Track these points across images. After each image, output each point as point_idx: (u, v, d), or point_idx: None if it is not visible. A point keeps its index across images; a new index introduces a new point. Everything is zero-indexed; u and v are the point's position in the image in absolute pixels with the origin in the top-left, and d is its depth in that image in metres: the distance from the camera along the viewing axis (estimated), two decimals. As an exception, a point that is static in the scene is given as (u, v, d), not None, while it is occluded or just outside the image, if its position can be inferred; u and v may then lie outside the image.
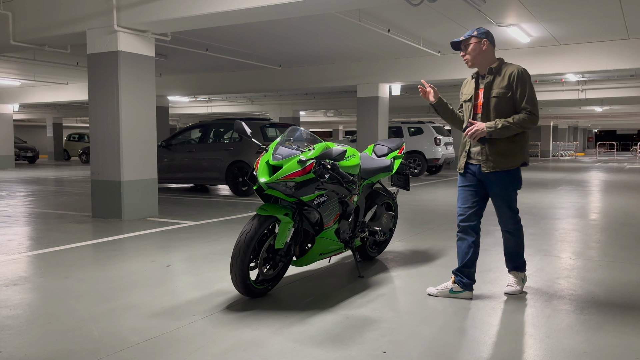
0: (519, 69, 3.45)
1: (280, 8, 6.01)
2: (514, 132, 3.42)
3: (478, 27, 3.62)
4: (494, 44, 3.60)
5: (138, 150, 7.25)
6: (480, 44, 3.52)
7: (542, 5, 8.10)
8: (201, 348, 2.74)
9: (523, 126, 3.40)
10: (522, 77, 3.43)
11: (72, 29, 7.27)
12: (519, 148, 3.50)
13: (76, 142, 29.77)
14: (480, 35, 3.52)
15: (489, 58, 3.55)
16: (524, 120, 3.38)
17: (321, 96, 21.67)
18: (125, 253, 5.02)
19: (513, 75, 3.44)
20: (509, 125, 3.38)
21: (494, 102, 3.48)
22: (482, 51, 3.53)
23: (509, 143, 3.47)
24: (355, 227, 4.25)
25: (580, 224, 6.74)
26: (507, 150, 3.47)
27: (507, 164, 3.47)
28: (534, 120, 3.41)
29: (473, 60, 3.57)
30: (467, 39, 3.56)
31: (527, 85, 3.42)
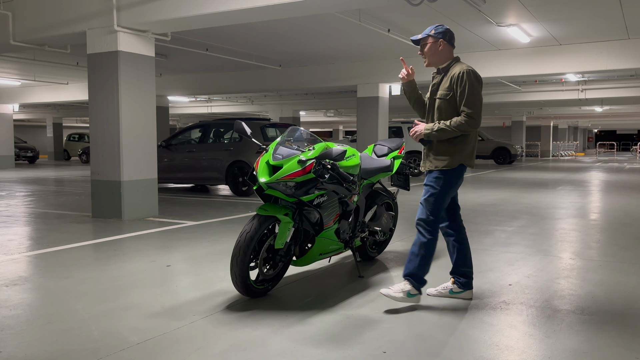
0: (463, 69, 3.34)
1: (280, 8, 6.01)
2: (451, 135, 3.33)
3: (438, 24, 3.50)
4: (453, 43, 3.51)
5: (138, 150, 7.24)
6: (436, 44, 3.45)
7: (542, 5, 8.11)
8: (201, 348, 2.74)
9: (460, 129, 3.29)
10: (462, 78, 3.31)
11: (72, 29, 7.27)
12: (457, 150, 3.38)
13: (76, 142, 29.76)
14: (437, 36, 3.44)
15: (443, 58, 3.47)
16: (460, 124, 3.28)
17: (321, 96, 21.67)
18: (125, 253, 5.02)
19: (455, 76, 3.34)
20: (445, 128, 3.31)
21: (437, 103, 3.43)
22: (438, 51, 3.46)
23: (447, 144, 3.38)
24: (355, 227, 4.25)
25: (580, 224, 6.74)
26: (443, 151, 3.39)
27: (441, 164, 3.38)
28: (471, 124, 3.28)
29: (429, 60, 3.52)
30: (424, 39, 3.49)
31: (467, 87, 3.29)
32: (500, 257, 4.84)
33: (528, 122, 33.84)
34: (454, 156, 3.38)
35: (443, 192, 3.40)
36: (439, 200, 3.40)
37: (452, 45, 3.50)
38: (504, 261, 4.67)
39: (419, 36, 3.51)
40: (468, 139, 3.41)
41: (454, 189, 3.46)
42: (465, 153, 3.41)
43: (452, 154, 3.38)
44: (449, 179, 3.40)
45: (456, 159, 3.38)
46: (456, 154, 3.39)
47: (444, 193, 3.41)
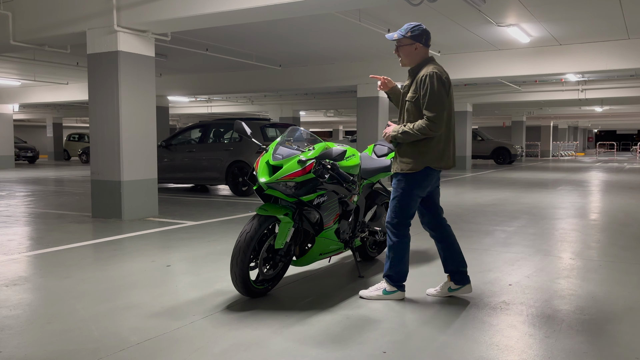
0: (428, 72, 3.32)
1: (280, 8, 6.01)
2: (415, 138, 3.32)
3: (415, 24, 3.45)
4: (429, 44, 3.49)
5: (138, 150, 7.24)
6: (412, 47, 3.44)
7: (542, 5, 8.11)
8: (201, 348, 2.74)
9: (422, 133, 3.28)
10: (425, 81, 3.29)
11: (72, 29, 7.27)
12: (421, 153, 3.36)
13: (76, 142, 29.76)
14: (413, 38, 3.41)
15: (417, 59, 3.46)
16: (421, 128, 3.27)
17: (321, 96, 21.67)
18: (125, 253, 5.02)
19: (419, 79, 3.34)
20: (409, 131, 3.31)
21: (406, 105, 3.44)
22: (413, 52, 3.45)
23: (412, 147, 3.38)
24: (355, 227, 4.25)
25: (580, 224, 6.74)
26: (408, 154, 3.39)
27: (405, 167, 3.39)
28: (432, 128, 3.26)
29: (404, 61, 3.51)
30: (400, 40, 3.46)
31: (428, 90, 3.27)
32: (500, 257, 4.84)
33: (528, 122, 33.84)
34: (418, 159, 3.36)
35: (405, 195, 3.42)
36: (402, 203, 3.42)
37: (428, 46, 3.49)
38: (504, 261, 4.67)
39: (394, 36, 3.47)
40: (433, 142, 3.37)
41: (418, 192, 3.44)
42: (431, 156, 3.38)
43: (416, 157, 3.37)
44: (410, 182, 3.40)
45: (420, 162, 3.36)
46: (420, 157, 3.36)
47: (406, 196, 3.42)
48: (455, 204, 8.86)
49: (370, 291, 3.56)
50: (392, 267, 3.50)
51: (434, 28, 9.61)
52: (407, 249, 3.52)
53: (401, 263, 3.49)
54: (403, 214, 3.45)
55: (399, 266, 3.49)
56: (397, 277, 3.51)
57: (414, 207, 3.48)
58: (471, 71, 12.07)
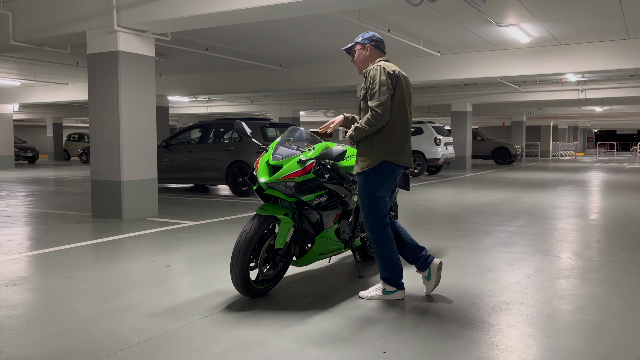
0: (372, 67, 3.38)
1: (280, 8, 6.01)
2: (367, 133, 3.34)
3: (365, 32, 3.58)
4: (382, 47, 3.55)
5: (138, 150, 7.25)
6: (364, 50, 3.54)
7: (542, 5, 8.11)
8: (201, 348, 2.74)
9: (370, 125, 3.30)
10: (370, 74, 3.36)
11: (72, 29, 7.27)
12: (375, 147, 3.37)
13: (76, 142, 29.77)
14: (364, 42, 3.52)
15: (369, 63, 3.53)
16: (368, 120, 3.31)
17: (321, 96, 21.68)
18: (125, 253, 5.02)
19: (365, 73, 3.42)
20: (360, 127, 3.35)
21: (361, 104, 3.50)
22: (366, 57, 3.54)
23: (365, 144, 3.41)
24: (355, 227, 4.25)
25: (580, 224, 6.74)
26: (362, 152, 3.43)
27: (363, 165, 3.40)
28: (377, 117, 3.27)
29: (359, 66, 3.59)
30: (352, 47, 3.59)
31: (371, 81, 3.33)
32: (500, 257, 4.84)
33: (528, 122, 33.84)
34: (373, 154, 3.37)
35: (368, 196, 3.41)
36: (369, 201, 3.41)
37: (381, 50, 3.55)
38: (504, 261, 4.67)
39: (348, 45, 3.62)
40: (385, 134, 3.36)
41: (382, 191, 3.40)
42: (386, 149, 3.36)
43: (370, 152, 3.38)
44: (370, 178, 3.39)
45: (376, 157, 3.36)
46: (374, 152, 3.37)
47: (370, 197, 3.40)
48: (455, 204, 8.86)
49: (370, 292, 3.57)
50: (384, 269, 3.51)
51: (434, 28, 9.61)
52: (393, 248, 3.47)
53: (391, 263, 3.47)
54: (374, 215, 3.41)
55: (390, 267, 3.48)
56: (392, 277, 3.51)
57: (383, 206, 3.43)
58: (471, 71, 12.07)
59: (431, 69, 12.47)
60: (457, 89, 19.12)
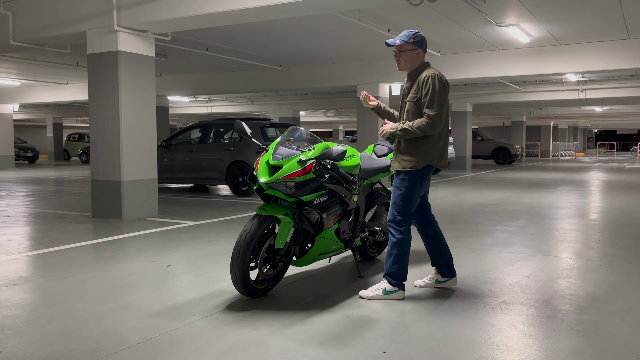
0: (430, 74, 3.46)
1: (280, 8, 6.01)
2: (413, 136, 3.45)
3: (415, 31, 3.58)
4: (426, 50, 3.64)
5: (138, 150, 7.24)
6: (414, 52, 3.57)
7: (542, 5, 8.11)
8: (201, 348, 2.74)
9: (422, 130, 3.41)
10: (428, 82, 3.44)
11: (72, 29, 7.27)
12: (423, 151, 3.49)
13: (76, 142, 29.76)
14: (416, 44, 3.55)
15: (416, 64, 3.60)
16: (421, 125, 3.40)
17: (321, 96, 21.67)
18: (125, 253, 5.02)
19: (422, 80, 3.48)
20: (408, 129, 3.44)
21: (407, 105, 3.57)
22: (415, 58, 3.59)
23: (412, 145, 3.51)
24: (355, 227, 4.25)
25: (580, 224, 6.74)
26: (411, 152, 3.51)
27: (407, 165, 3.50)
28: (432, 126, 3.40)
29: (403, 66, 3.63)
30: (402, 46, 3.57)
31: (431, 90, 3.41)
32: (500, 257, 4.84)
33: (528, 122, 33.84)
34: (420, 157, 3.49)
35: (408, 192, 3.51)
36: (405, 200, 3.51)
37: (426, 51, 3.64)
38: (504, 261, 4.67)
39: (396, 41, 3.56)
40: (433, 140, 3.51)
41: (420, 189, 3.55)
42: (432, 154, 3.51)
43: (418, 154, 3.50)
44: (413, 180, 3.51)
45: (422, 160, 3.49)
46: (422, 155, 3.49)
47: (410, 193, 3.52)
48: (455, 204, 8.86)
49: (370, 291, 3.58)
50: (394, 264, 3.54)
51: (434, 28, 9.61)
52: (409, 246, 3.59)
53: (403, 260, 3.55)
54: (406, 211, 3.53)
55: (400, 263, 3.54)
56: (399, 274, 3.55)
57: (415, 204, 3.57)
58: (471, 71, 12.07)
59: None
60: (457, 89, 19.11)
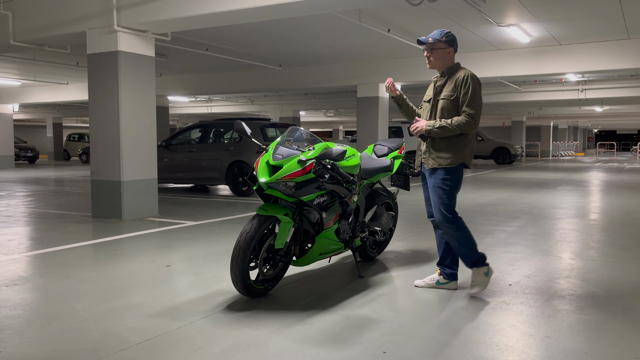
0: (467, 73, 3.57)
1: (280, 8, 6.01)
2: (451, 133, 3.53)
3: (447, 30, 3.67)
4: (457, 49, 3.71)
5: (138, 150, 7.24)
6: (446, 51, 3.64)
7: (542, 5, 8.10)
8: (201, 348, 2.74)
9: (460, 128, 3.50)
10: (467, 81, 3.54)
11: (72, 29, 7.27)
12: (458, 149, 3.58)
13: (76, 142, 29.76)
14: (448, 43, 3.62)
15: (448, 63, 3.67)
16: (460, 123, 3.49)
17: (321, 96, 21.66)
18: (125, 253, 5.02)
19: (459, 79, 3.56)
20: (446, 126, 3.50)
21: (441, 103, 3.62)
22: (446, 56, 3.66)
23: (449, 143, 3.58)
24: (355, 227, 4.25)
25: (580, 224, 6.74)
26: (446, 150, 3.58)
27: (444, 162, 3.57)
28: (471, 124, 3.50)
29: (434, 64, 3.69)
30: (434, 44, 3.64)
31: (470, 90, 3.51)
32: (500, 257, 4.84)
33: (528, 122, 33.83)
34: (457, 155, 3.58)
35: (453, 189, 3.62)
36: (451, 197, 3.62)
37: (457, 51, 3.72)
38: (504, 261, 4.67)
39: (429, 39, 3.64)
40: (468, 139, 3.62)
41: (460, 182, 3.67)
42: (466, 152, 3.63)
43: (455, 152, 3.58)
44: (455, 176, 3.61)
45: (459, 158, 3.59)
46: (459, 153, 3.59)
47: (454, 190, 3.63)
48: (455, 204, 8.85)
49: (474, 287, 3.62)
50: (470, 254, 3.62)
51: (434, 28, 9.61)
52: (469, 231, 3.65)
53: (474, 246, 3.64)
54: (453, 207, 3.63)
55: (474, 249, 3.63)
56: (480, 257, 3.63)
57: (455, 198, 3.67)
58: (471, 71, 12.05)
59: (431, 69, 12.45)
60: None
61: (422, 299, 3.57)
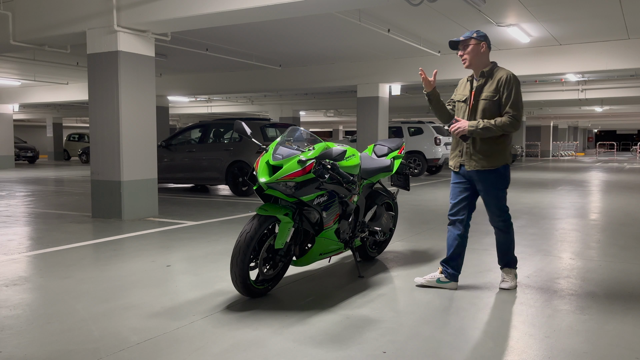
0: (509, 74, 3.60)
1: (280, 8, 6.01)
2: (494, 134, 3.56)
3: (477, 29, 3.73)
4: (491, 47, 3.73)
5: (138, 150, 7.24)
6: (479, 47, 3.66)
7: (542, 5, 8.10)
8: (201, 348, 2.74)
9: (504, 129, 3.53)
10: (509, 82, 3.57)
11: (72, 29, 7.27)
12: (501, 150, 3.63)
13: (76, 142, 29.76)
14: (479, 38, 3.65)
15: (484, 61, 3.69)
16: (505, 124, 3.51)
17: (321, 96, 21.66)
18: (125, 253, 5.02)
19: (502, 79, 3.58)
20: (490, 127, 3.52)
21: (482, 104, 3.63)
22: (479, 53, 3.67)
23: (491, 144, 3.61)
24: (355, 227, 4.25)
25: (580, 224, 6.74)
26: (489, 151, 3.61)
27: (488, 164, 3.62)
28: (515, 125, 3.53)
29: (471, 61, 3.70)
30: (466, 40, 3.68)
31: (513, 90, 3.55)
32: (500, 257, 4.83)
33: (528, 122, 33.83)
34: (501, 156, 3.65)
35: (502, 187, 3.70)
36: (502, 195, 3.71)
37: (490, 48, 3.74)
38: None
39: (460, 38, 3.71)
40: (508, 139, 3.70)
41: (508, 182, 3.74)
42: (508, 153, 3.70)
43: (498, 153, 3.65)
44: (505, 176, 3.69)
45: (502, 159, 3.66)
46: (504, 154, 3.67)
47: (503, 188, 3.71)
48: (455, 204, 8.84)
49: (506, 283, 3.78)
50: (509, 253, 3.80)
51: (434, 28, 9.61)
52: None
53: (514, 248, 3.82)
54: (505, 205, 3.73)
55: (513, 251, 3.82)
56: (514, 260, 3.84)
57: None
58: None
59: (431, 69, 12.45)
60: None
61: (422, 299, 3.57)
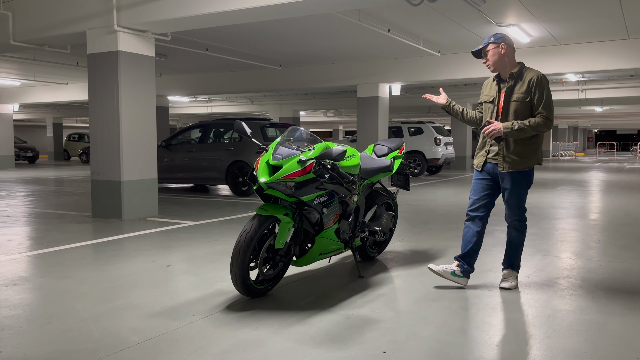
0: (539, 74, 3.62)
1: (280, 8, 6.01)
2: (528, 135, 3.60)
3: (495, 33, 3.78)
4: (513, 47, 3.73)
5: (138, 150, 7.24)
6: (498, 48, 3.68)
7: (542, 5, 8.11)
8: (201, 348, 2.74)
9: (538, 130, 3.57)
10: (540, 82, 3.59)
11: (72, 29, 7.27)
12: (534, 150, 3.68)
13: (76, 142, 29.77)
14: (497, 40, 3.68)
15: (509, 61, 3.70)
16: (539, 124, 3.55)
17: (321, 96, 21.67)
18: (125, 253, 5.02)
19: (533, 80, 3.59)
20: (525, 128, 3.55)
21: (513, 105, 3.65)
22: (501, 55, 3.68)
23: (525, 146, 3.65)
24: (355, 227, 4.25)
25: (580, 224, 6.74)
26: (523, 153, 3.65)
27: (522, 165, 3.67)
28: (548, 125, 3.58)
29: (494, 65, 3.72)
30: (485, 47, 3.72)
31: (544, 91, 3.58)
32: (500, 257, 4.83)
33: (528, 122, 33.76)
34: (532, 156, 3.70)
35: (526, 188, 3.75)
36: (524, 196, 3.77)
37: (513, 48, 3.72)
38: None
39: (480, 46, 3.75)
40: (540, 139, 3.73)
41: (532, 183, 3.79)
42: (539, 153, 3.75)
43: (531, 154, 3.69)
44: (530, 177, 3.75)
45: (533, 160, 3.71)
46: (533, 155, 3.71)
47: (526, 190, 3.76)
48: (455, 204, 8.86)
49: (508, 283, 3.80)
50: (516, 255, 3.84)
51: (434, 28, 9.61)
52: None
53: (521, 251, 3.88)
54: (524, 207, 3.79)
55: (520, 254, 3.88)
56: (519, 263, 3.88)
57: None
58: (471, 71, 12.07)
59: (431, 69, 12.47)
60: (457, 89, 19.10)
61: (422, 299, 3.57)
